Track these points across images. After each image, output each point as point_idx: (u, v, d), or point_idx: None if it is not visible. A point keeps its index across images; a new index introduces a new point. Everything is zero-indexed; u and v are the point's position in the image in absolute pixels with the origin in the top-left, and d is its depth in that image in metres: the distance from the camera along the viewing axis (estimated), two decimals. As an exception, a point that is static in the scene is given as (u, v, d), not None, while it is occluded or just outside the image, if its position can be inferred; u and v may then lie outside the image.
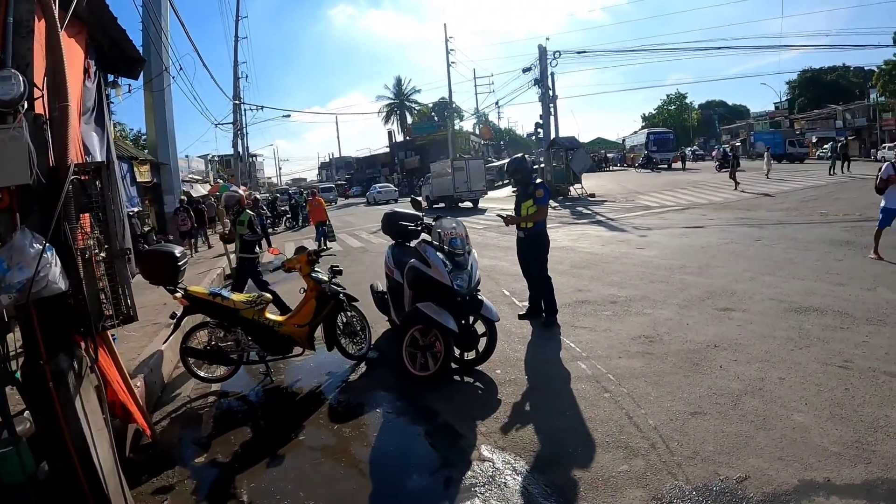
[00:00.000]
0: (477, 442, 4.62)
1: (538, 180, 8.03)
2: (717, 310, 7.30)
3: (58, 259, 3.21)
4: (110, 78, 6.41)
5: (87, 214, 3.67)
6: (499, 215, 8.33)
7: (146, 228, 20.35)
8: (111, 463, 3.66)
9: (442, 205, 32.26)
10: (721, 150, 43.37)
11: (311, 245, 19.49)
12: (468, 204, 32.74)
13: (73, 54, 4.58)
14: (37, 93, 3.43)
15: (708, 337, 6.33)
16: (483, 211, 29.31)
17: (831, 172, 28.81)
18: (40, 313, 3.26)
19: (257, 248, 9.48)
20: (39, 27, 3.54)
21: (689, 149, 60.26)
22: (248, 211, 9.24)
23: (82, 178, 3.55)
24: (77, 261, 3.45)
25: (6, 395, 3.99)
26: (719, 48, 67.96)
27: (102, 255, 3.67)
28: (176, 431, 5.51)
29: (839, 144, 31.05)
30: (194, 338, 6.47)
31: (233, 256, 15.94)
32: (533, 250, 7.67)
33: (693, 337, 6.39)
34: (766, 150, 32.15)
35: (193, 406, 6.10)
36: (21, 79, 3.14)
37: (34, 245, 3.09)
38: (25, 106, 3.23)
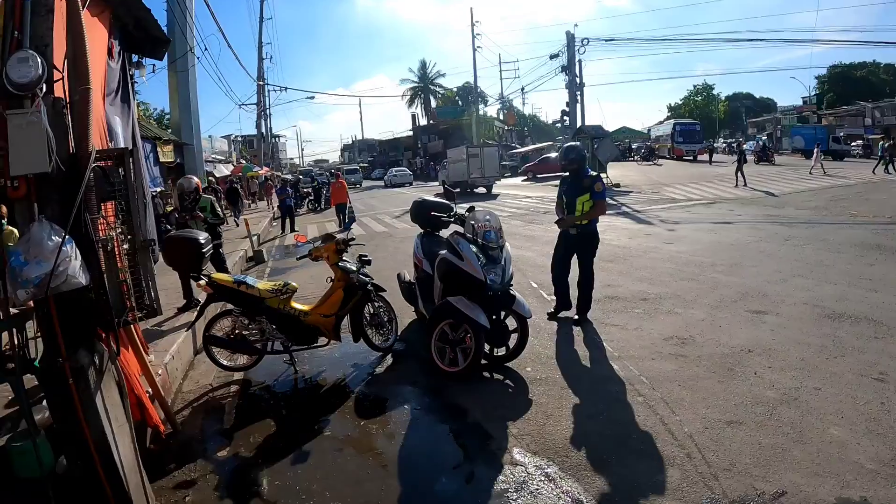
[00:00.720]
0: (508, 444, 4.46)
1: (591, 172, 7.33)
2: (750, 312, 7.08)
3: (78, 252, 3.07)
4: (134, 58, 6.27)
5: (109, 203, 3.51)
6: (559, 222, 7.37)
7: (168, 209, 20.39)
8: (132, 459, 3.55)
9: (457, 190, 31.50)
10: (760, 142, 42.50)
11: (332, 227, 19.55)
12: (482, 190, 33.14)
13: (97, 34, 4.44)
14: (56, 75, 3.27)
15: (742, 341, 6.13)
16: (496, 196, 29.74)
17: (880, 171, 27.88)
18: (59, 308, 3.13)
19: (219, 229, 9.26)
20: (60, 6, 3.37)
21: (722, 140, 58.45)
22: (205, 196, 9.02)
23: (104, 164, 3.39)
24: (98, 253, 3.30)
25: (24, 384, 3.91)
26: (751, 40, 66.48)
27: (125, 246, 3.51)
28: (198, 422, 5.39)
29: (888, 144, 30.07)
30: (218, 326, 6.33)
31: (255, 239, 16.04)
32: (585, 249, 7.20)
33: (726, 340, 6.18)
34: (816, 147, 31.24)
35: (215, 395, 5.98)
36: (39, 60, 2.97)
37: (53, 237, 2.94)
38: (44, 89, 3.07)
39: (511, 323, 6.01)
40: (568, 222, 7.15)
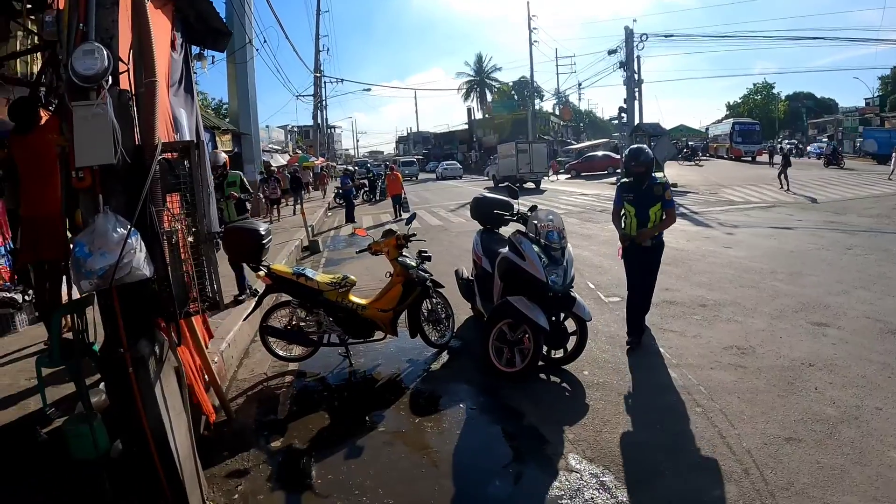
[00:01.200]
0: (564, 450, 4.36)
1: (659, 177, 6.40)
2: (811, 324, 6.79)
3: (143, 244, 3.07)
4: (195, 50, 6.33)
5: (175, 195, 3.52)
6: (637, 236, 6.29)
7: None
8: (188, 447, 3.57)
9: (506, 184, 31.79)
10: (831, 145, 40.95)
11: (386, 219, 19.66)
12: (531, 185, 33.64)
13: (161, 26, 4.48)
14: (122, 67, 3.27)
15: (802, 354, 5.88)
16: (543, 192, 30.76)
17: None
18: (122, 298, 3.13)
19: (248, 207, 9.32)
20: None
21: (786, 141, 55.92)
22: (233, 172, 9.04)
23: (170, 157, 3.40)
24: (163, 245, 3.31)
25: (82, 368, 3.97)
26: (812, 38, 63.66)
27: (190, 238, 3.52)
28: (252, 411, 5.44)
29: None
30: (275, 316, 6.39)
31: (310, 228, 16.20)
32: (655, 260, 6.41)
33: (787, 352, 5.95)
34: (894, 151, 30.00)
35: (270, 385, 6.03)
36: (105, 52, 2.97)
37: (118, 229, 2.94)
38: (110, 81, 3.07)
39: (570, 325, 5.90)
40: (647, 234, 6.21)
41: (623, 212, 6.41)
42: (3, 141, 7.10)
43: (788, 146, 49.25)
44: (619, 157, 45.61)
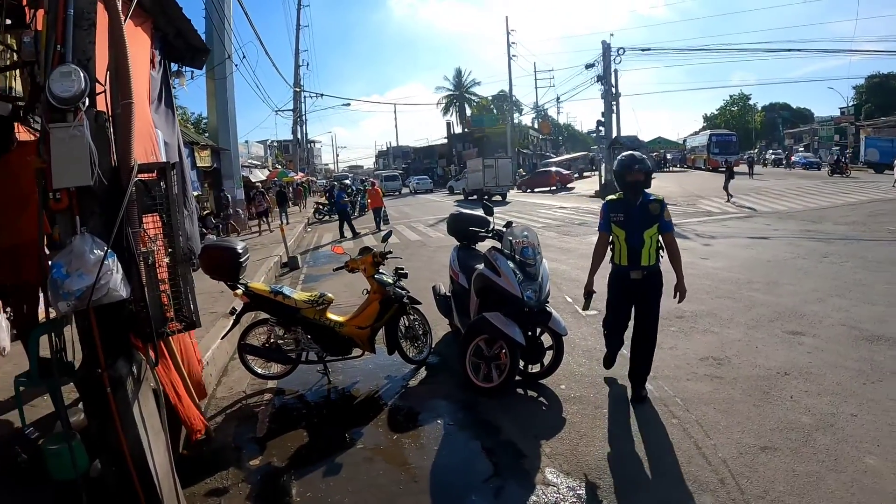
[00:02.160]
0: (541, 464, 4.40)
1: (652, 194, 5.40)
2: (787, 333, 6.91)
3: (119, 265, 3.09)
4: (174, 67, 6.35)
5: (150, 216, 3.53)
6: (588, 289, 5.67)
7: (205, 213, 20.74)
8: (166, 466, 3.58)
9: (475, 197, 36.41)
10: (835, 155, 41.44)
11: (368, 239, 19.67)
12: (498, 197, 35.76)
13: (140, 44, 4.51)
14: (98, 88, 3.30)
15: (778, 363, 5.98)
16: (507, 203, 33.54)
17: None
18: (99, 319, 3.15)
19: None
20: (102, 19, 3.40)
21: (769, 152, 56.34)
22: None
23: (146, 177, 3.42)
24: (139, 266, 3.32)
25: (61, 388, 3.96)
26: (788, 50, 64.83)
27: (166, 259, 3.53)
28: (231, 429, 5.42)
29: None
30: (253, 334, 6.39)
31: (290, 244, 16.16)
32: (650, 296, 5.37)
33: (762, 362, 6.04)
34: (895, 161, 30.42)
35: (249, 403, 6.01)
36: (82, 74, 3.00)
37: (95, 251, 2.96)
38: (87, 103, 3.10)
39: (546, 340, 5.94)
40: (680, 291, 5.41)
41: (611, 238, 5.40)
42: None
43: (773, 156, 49.88)
44: (567, 171, 46.42)
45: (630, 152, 5.54)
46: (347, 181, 30.59)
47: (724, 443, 4.46)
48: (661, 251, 5.32)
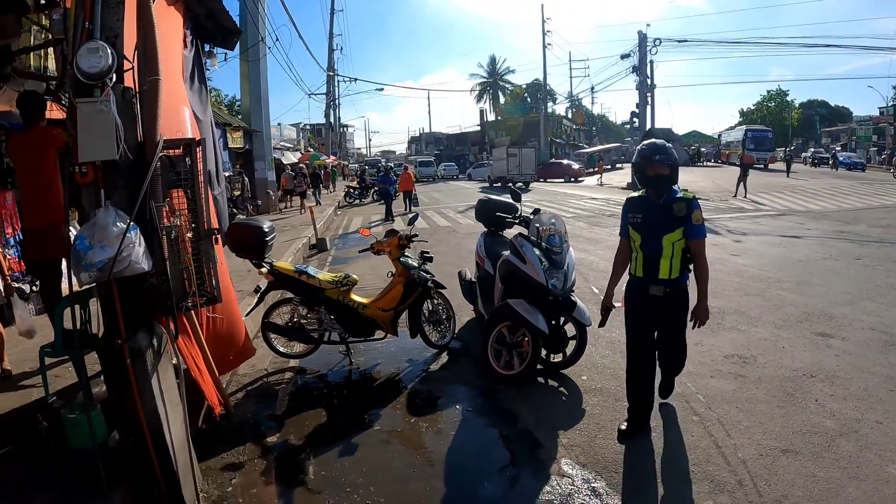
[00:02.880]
0: (557, 454, 4.37)
1: (681, 191, 4.48)
2: (815, 334, 6.77)
3: (142, 238, 3.14)
4: (206, 48, 6.40)
5: (178, 190, 3.57)
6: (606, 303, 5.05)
7: (236, 193, 20.95)
8: (183, 439, 3.63)
9: (499, 184, 38.67)
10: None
11: (397, 223, 19.70)
12: (521, 185, 36.68)
13: (172, 22, 4.54)
14: (126, 65, 3.34)
15: (804, 364, 5.86)
16: (530, 191, 34.49)
17: None
18: (121, 291, 3.20)
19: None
20: (131, -2, 3.44)
21: (811, 150, 54.28)
22: None
23: (172, 153, 3.45)
24: (162, 240, 3.36)
25: (84, 359, 4.05)
26: (828, 46, 62.91)
27: (189, 234, 3.57)
28: (251, 406, 5.49)
29: None
30: (277, 313, 6.45)
31: (319, 226, 16.26)
32: (678, 314, 4.60)
33: (788, 363, 5.93)
34: None
35: (270, 381, 6.08)
36: (109, 51, 3.04)
37: (118, 223, 3.00)
38: (114, 79, 3.14)
39: (570, 329, 5.90)
40: (703, 311, 4.52)
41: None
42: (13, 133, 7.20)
43: (815, 155, 48.53)
44: (578, 166, 46.57)
45: (652, 140, 4.62)
46: (392, 164, 30.58)
47: (745, 443, 4.39)
48: (689, 264, 4.49)
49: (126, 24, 3.38)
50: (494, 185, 39.22)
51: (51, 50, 6.75)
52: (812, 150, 54.15)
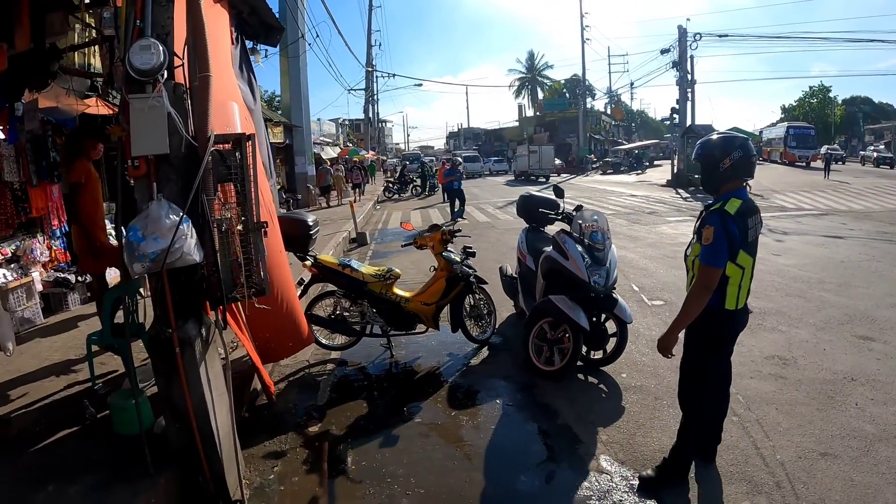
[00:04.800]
0: (596, 451, 4.36)
1: (717, 205, 3.64)
2: (857, 337, 6.60)
3: (193, 230, 3.21)
4: (250, 45, 6.50)
5: (228, 184, 3.64)
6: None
7: (277, 188, 21.23)
8: (228, 427, 3.72)
9: (522, 178, 42.73)
10: None
11: (436, 216, 19.75)
12: (542, 179, 40.66)
13: (220, 19, 4.63)
14: (177, 62, 3.43)
15: (845, 367, 5.73)
16: (547, 185, 33.74)
17: None
18: (172, 281, 3.29)
19: None
20: (180, -5, 3.52)
21: (871, 148, 51.77)
22: None
23: (222, 148, 3.52)
24: (213, 232, 3.44)
25: (131, 347, 4.18)
26: (872, 41, 60.52)
27: (239, 227, 3.64)
28: (292, 396, 5.60)
29: None
30: (320, 305, 6.54)
31: (359, 220, 16.40)
32: (694, 342, 3.87)
33: (829, 365, 5.80)
34: None
35: (312, 372, 6.18)
36: (161, 48, 3.12)
37: (171, 216, 3.09)
38: (165, 75, 3.22)
39: (610, 327, 5.88)
40: (668, 341, 3.85)
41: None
42: (61, 128, 7.43)
43: (875, 153, 46.62)
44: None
45: (708, 138, 3.83)
46: (458, 158, 29.71)
47: (784, 445, 4.33)
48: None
49: (175, 21, 3.46)
50: (519, 178, 42.96)
51: (94, 47, 6.93)
52: (872, 148, 51.79)
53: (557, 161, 48.78)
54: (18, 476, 3.85)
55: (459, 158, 30.81)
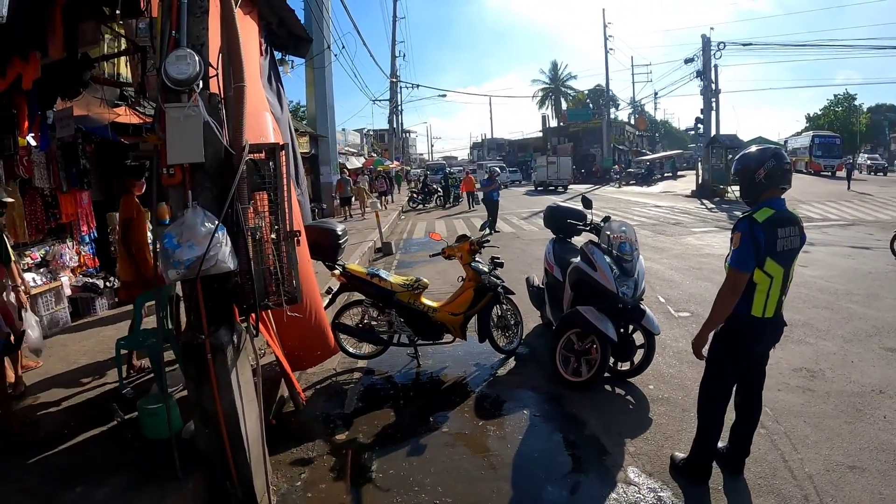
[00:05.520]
0: (624, 462, 4.33)
1: (744, 214, 3.72)
2: (885, 349, 6.48)
3: (228, 238, 3.25)
4: (278, 56, 6.59)
5: (259, 194, 3.68)
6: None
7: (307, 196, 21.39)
8: (257, 433, 3.75)
9: (542, 188, 44.22)
10: None
11: (461, 227, 19.75)
12: (561, 189, 42.99)
13: (250, 30, 4.70)
14: (211, 72, 3.48)
15: (874, 380, 5.63)
16: (567, 192, 39.70)
17: None
18: (205, 288, 3.33)
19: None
20: (214, 7, 3.58)
21: (866, 156, 51.09)
22: None
23: (256, 157, 3.57)
24: (247, 241, 3.49)
25: (163, 352, 4.23)
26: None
27: (273, 236, 3.68)
28: (320, 404, 5.63)
29: None
30: (347, 314, 6.56)
31: (384, 230, 16.44)
32: (717, 342, 3.91)
33: (857, 378, 5.71)
34: None
35: (339, 380, 6.21)
36: (196, 58, 3.17)
37: (206, 224, 3.13)
38: (200, 85, 3.27)
39: (638, 338, 5.83)
40: (699, 341, 3.91)
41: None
42: (91, 137, 7.58)
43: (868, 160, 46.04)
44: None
45: (747, 152, 3.90)
46: (496, 168, 28.57)
47: (812, 458, 4.27)
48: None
49: (210, 32, 3.53)
50: (538, 188, 44.63)
51: (123, 58, 7.07)
52: (867, 155, 50.86)
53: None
54: (47, 476, 3.92)
55: (497, 168, 29.37)
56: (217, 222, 3.16)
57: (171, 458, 3.70)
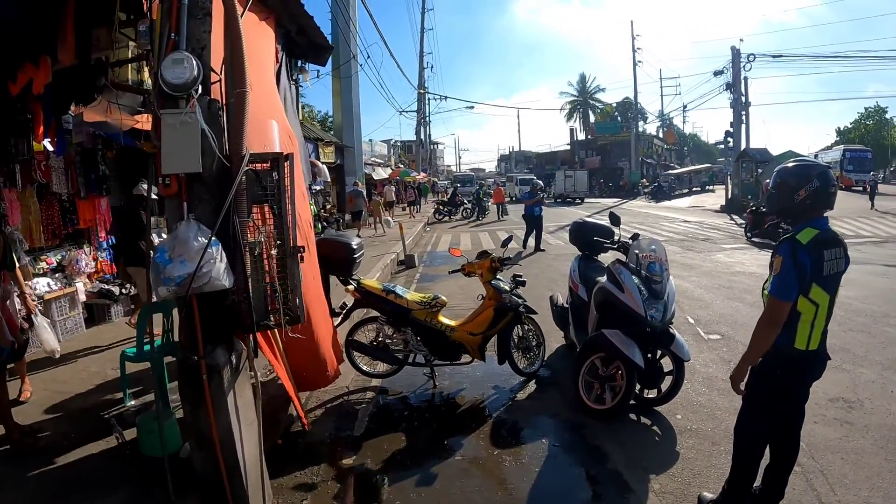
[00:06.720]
0: (647, 501, 4.04)
1: (784, 235, 3.41)
2: None
3: (223, 254, 3.06)
4: (299, 63, 6.48)
5: (260, 207, 3.48)
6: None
7: (328, 206, 21.34)
8: (255, 456, 3.57)
9: (560, 199, 48.21)
10: None
11: (486, 241, 19.52)
12: (578, 200, 47.15)
13: (265, 37, 4.56)
14: (214, 77, 3.32)
15: None
16: (583, 203, 44.45)
17: None
18: (201, 306, 3.14)
19: None
20: (218, 11, 3.42)
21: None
22: None
23: (258, 167, 3.37)
24: (245, 256, 3.28)
25: (165, 369, 4.09)
26: None
27: (274, 252, 3.47)
28: (329, 424, 5.42)
29: None
30: (361, 331, 6.37)
31: (408, 242, 16.24)
32: (756, 380, 3.60)
33: (897, 409, 5.36)
34: None
35: (350, 399, 6.00)
36: (194, 62, 3.00)
37: (199, 238, 2.93)
38: (199, 90, 3.10)
39: (666, 364, 5.53)
40: (738, 374, 3.56)
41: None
42: (111, 142, 7.52)
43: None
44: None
45: (786, 165, 3.60)
46: (538, 181, 26.40)
47: (850, 500, 3.95)
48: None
49: (215, 37, 3.36)
50: (557, 199, 48.07)
51: (147, 65, 7.03)
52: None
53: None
54: (41, 490, 3.93)
55: (540, 182, 26.79)
56: (211, 236, 2.95)
57: (165, 479, 3.62)
